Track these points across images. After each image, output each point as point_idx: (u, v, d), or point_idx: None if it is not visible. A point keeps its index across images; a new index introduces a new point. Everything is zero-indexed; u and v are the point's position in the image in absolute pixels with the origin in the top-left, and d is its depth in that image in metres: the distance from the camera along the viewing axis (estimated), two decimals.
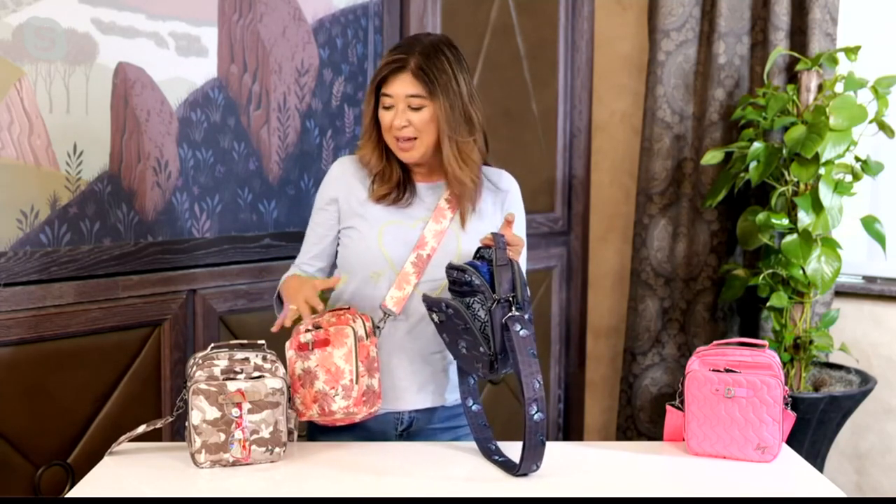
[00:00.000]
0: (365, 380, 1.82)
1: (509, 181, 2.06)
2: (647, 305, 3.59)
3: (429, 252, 1.92)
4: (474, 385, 1.91)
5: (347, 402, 1.81)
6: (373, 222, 1.94)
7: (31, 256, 2.14)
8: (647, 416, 3.61)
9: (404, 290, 1.90)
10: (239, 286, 2.58)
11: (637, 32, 3.72)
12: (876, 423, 3.31)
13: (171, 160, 2.42)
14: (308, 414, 1.84)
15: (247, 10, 2.56)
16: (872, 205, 3.33)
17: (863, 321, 3.33)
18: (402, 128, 1.88)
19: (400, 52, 1.90)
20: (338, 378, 1.80)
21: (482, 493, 1.68)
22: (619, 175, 3.82)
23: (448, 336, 1.83)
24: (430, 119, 1.89)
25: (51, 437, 2.20)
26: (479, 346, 1.74)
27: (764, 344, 1.90)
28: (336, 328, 1.82)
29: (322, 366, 1.81)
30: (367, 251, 1.93)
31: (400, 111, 1.88)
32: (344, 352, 1.80)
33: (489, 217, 2.00)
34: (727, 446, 1.84)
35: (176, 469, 1.76)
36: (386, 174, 1.95)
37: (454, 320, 1.77)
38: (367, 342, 1.83)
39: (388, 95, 1.89)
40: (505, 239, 1.78)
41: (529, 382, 1.68)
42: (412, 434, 2.00)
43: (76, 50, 2.20)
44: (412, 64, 1.87)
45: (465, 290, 1.77)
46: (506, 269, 1.75)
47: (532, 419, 1.67)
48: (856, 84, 2.98)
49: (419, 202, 1.97)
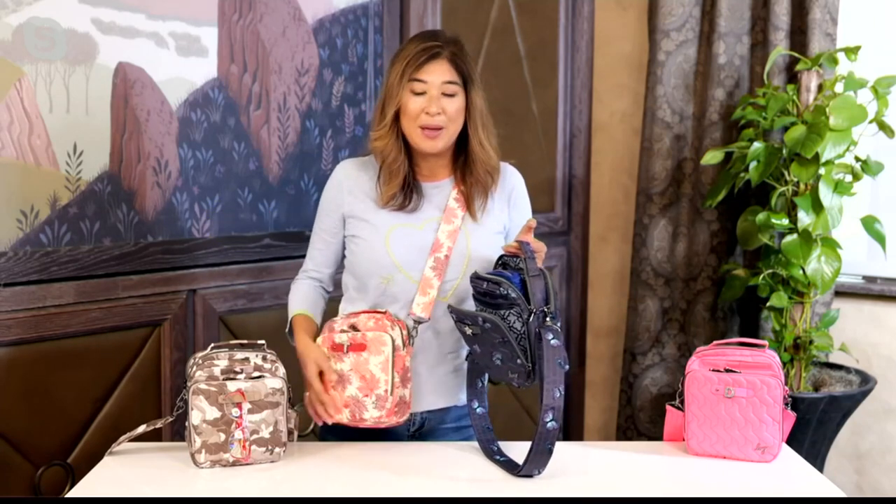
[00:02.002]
0: (399, 391, 1.81)
1: (514, 175, 2.04)
2: (647, 305, 3.59)
3: (445, 253, 1.89)
4: (482, 388, 1.90)
5: (380, 412, 1.80)
6: (379, 227, 1.92)
7: (31, 256, 2.14)
8: (647, 416, 3.61)
9: (429, 295, 1.88)
10: (239, 286, 2.58)
11: (637, 32, 3.72)
12: (876, 423, 3.31)
13: (171, 160, 2.42)
14: (337, 417, 1.83)
15: (247, 10, 2.56)
16: (872, 205, 3.33)
17: (863, 321, 3.33)
18: (436, 115, 1.86)
19: (430, 39, 1.90)
20: (372, 387, 1.79)
21: (483, 493, 1.68)
22: (618, 175, 3.82)
23: (481, 348, 1.80)
24: (461, 108, 1.89)
25: (51, 437, 2.20)
26: (517, 358, 1.71)
27: (764, 344, 1.90)
28: (374, 334, 1.80)
29: (356, 371, 1.80)
30: (375, 257, 1.91)
31: (434, 97, 1.86)
32: (381, 360, 1.79)
33: (496, 212, 1.98)
34: (727, 446, 1.84)
35: (176, 469, 1.76)
36: (395, 168, 1.92)
37: (491, 334, 1.74)
38: (404, 352, 1.81)
39: (423, 81, 1.87)
40: (531, 247, 1.77)
41: (550, 390, 1.66)
42: (424, 434, 1.98)
43: (76, 50, 2.20)
44: (447, 52, 1.88)
45: (499, 302, 1.74)
46: (538, 279, 1.72)
47: (545, 426, 1.67)
48: (856, 84, 2.98)
49: (426, 202, 1.95)
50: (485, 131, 1.92)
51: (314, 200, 2.76)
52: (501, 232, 1.99)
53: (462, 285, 1.91)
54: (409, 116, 1.88)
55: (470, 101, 1.90)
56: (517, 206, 2.02)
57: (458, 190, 1.94)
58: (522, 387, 1.76)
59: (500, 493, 1.68)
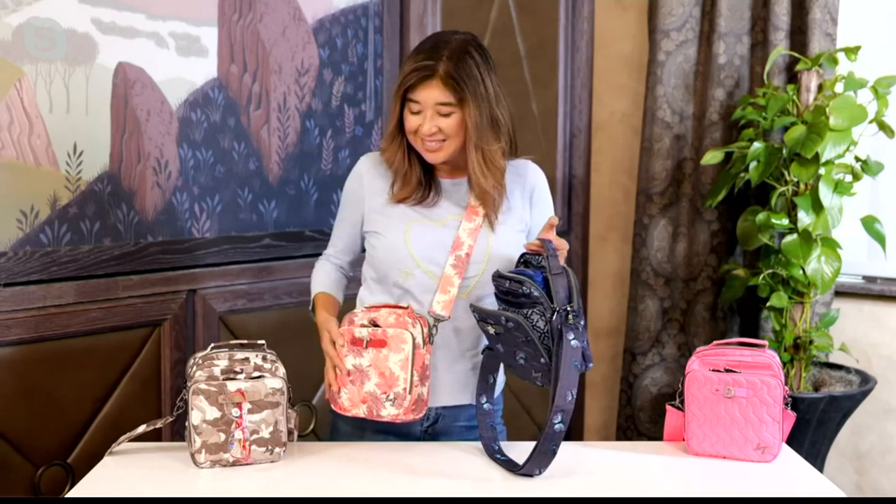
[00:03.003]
0: (417, 389, 1.80)
1: (535, 173, 2.04)
2: (647, 305, 3.59)
3: (466, 251, 1.89)
4: (493, 384, 1.90)
5: (398, 410, 1.80)
6: (398, 222, 1.92)
7: (31, 256, 2.14)
8: (647, 416, 3.61)
9: (449, 293, 1.87)
10: (239, 286, 2.58)
11: (637, 32, 3.72)
12: (876, 423, 3.31)
13: (171, 160, 2.42)
14: (353, 412, 1.83)
15: (247, 10, 2.56)
16: (872, 205, 3.33)
17: (863, 321, 3.33)
18: (432, 134, 1.85)
19: (427, 57, 1.84)
20: (391, 384, 1.79)
21: (483, 493, 1.68)
22: (618, 175, 3.82)
23: (504, 347, 1.79)
24: (459, 124, 1.86)
25: (51, 437, 2.20)
26: (540, 357, 1.72)
27: (764, 344, 1.90)
28: (395, 331, 1.79)
29: (375, 367, 1.80)
30: (394, 251, 1.90)
31: (429, 117, 1.84)
32: (401, 358, 1.79)
33: (517, 211, 1.98)
34: (727, 446, 1.84)
35: (176, 469, 1.76)
36: (407, 175, 1.92)
37: (514, 333, 1.73)
38: (424, 350, 1.81)
39: (416, 102, 1.85)
40: (554, 245, 1.76)
41: (563, 393, 1.67)
42: (437, 432, 1.98)
43: (76, 50, 2.20)
44: (441, 70, 1.82)
45: (522, 301, 1.73)
46: (561, 278, 1.72)
47: (553, 427, 1.67)
48: (856, 84, 2.98)
49: (445, 199, 1.95)
50: (479, 153, 1.86)
51: (314, 200, 2.77)
52: (523, 230, 1.99)
53: (481, 282, 1.91)
54: (410, 132, 1.89)
55: (465, 120, 1.85)
56: (538, 205, 2.02)
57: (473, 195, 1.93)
58: (546, 386, 1.75)
59: (501, 494, 1.68)
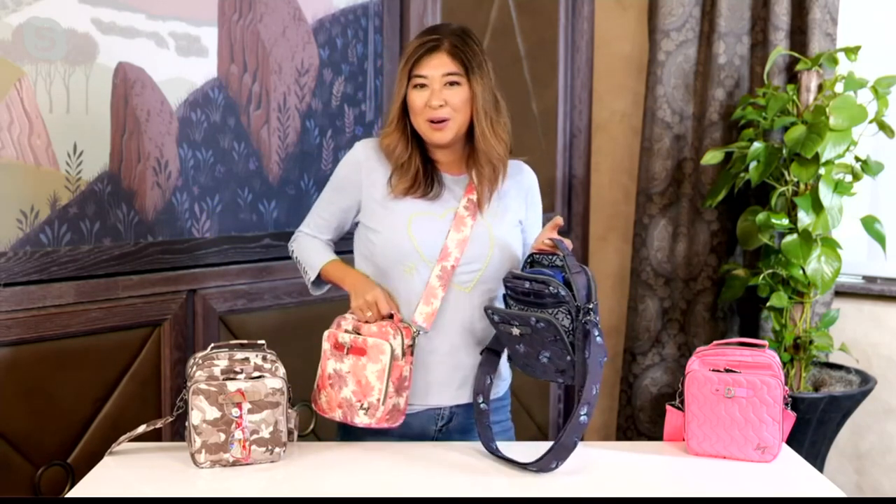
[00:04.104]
0: (392, 399, 1.81)
1: (530, 174, 2.06)
2: (647, 305, 3.59)
3: (453, 263, 1.88)
4: (489, 385, 1.90)
5: (370, 420, 1.81)
6: (400, 215, 1.90)
7: (31, 256, 2.14)
8: (647, 416, 3.61)
9: (432, 305, 1.87)
10: (239, 286, 2.58)
11: (637, 32, 3.72)
12: (876, 423, 3.31)
13: (171, 160, 2.42)
14: (330, 415, 1.86)
15: (247, 10, 2.56)
16: (872, 205, 3.33)
17: (863, 321, 3.33)
18: (439, 107, 1.86)
19: (431, 34, 1.90)
20: (366, 393, 1.80)
21: (483, 493, 1.68)
22: (618, 175, 3.82)
23: (526, 348, 1.80)
24: (466, 98, 1.88)
25: (51, 437, 2.20)
26: (567, 355, 1.74)
27: (764, 344, 1.90)
28: (375, 341, 1.80)
29: (354, 374, 1.82)
30: (396, 245, 1.89)
31: (436, 90, 1.86)
32: (378, 368, 1.80)
33: (515, 207, 1.99)
34: (727, 446, 1.84)
35: (176, 469, 1.76)
36: (406, 165, 1.91)
37: (544, 333, 1.74)
38: (402, 362, 1.81)
39: (423, 76, 1.87)
40: (566, 244, 1.79)
41: (590, 387, 1.71)
42: (451, 430, 1.97)
43: (76, 50, 2.20)
44: (447, 44, 1.87)
45: (546, 301, 1.74)
46: (581, 276, 1.75)
47: (578, 419, 1.70)
48: (856, 84, 2.98)
49: (448, 193, 1.94)
50: (488, 121, 1.89)
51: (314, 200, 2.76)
52: (518, 226, 2.00)
53: (484, 277, 1.91)
54: (414, 111, 1.89)
55: (473, 91, 1.88)
56: (532, 205, 2.04)
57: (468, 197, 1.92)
58: (567, 383, 1.79)
59: (501, 493, 1.68)
